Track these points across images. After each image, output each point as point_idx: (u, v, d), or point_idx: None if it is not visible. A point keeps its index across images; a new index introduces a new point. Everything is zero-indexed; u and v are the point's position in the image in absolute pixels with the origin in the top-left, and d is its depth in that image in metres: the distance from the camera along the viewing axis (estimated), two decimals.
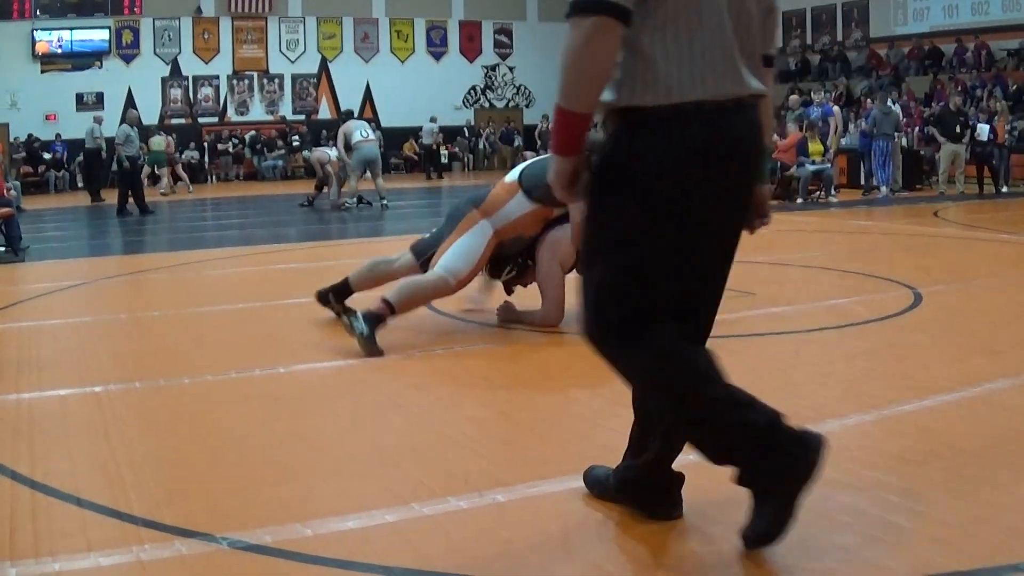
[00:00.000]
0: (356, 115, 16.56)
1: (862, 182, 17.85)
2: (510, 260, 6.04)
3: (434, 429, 4.05)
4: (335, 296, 6.09)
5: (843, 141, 18.87)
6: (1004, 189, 17.48)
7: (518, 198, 5.74)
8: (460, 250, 5.69)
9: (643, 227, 2.53)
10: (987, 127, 17.25)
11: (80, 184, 25.33)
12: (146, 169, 20.18)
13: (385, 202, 16.30)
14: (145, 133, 20.11)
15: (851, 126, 19.83)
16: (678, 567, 2.68)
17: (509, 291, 6.31)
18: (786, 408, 4.14)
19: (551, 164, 2.59)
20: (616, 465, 3.08)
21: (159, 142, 21.91)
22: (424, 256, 5.90)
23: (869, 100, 18.11)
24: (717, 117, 2.48)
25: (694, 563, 2.71)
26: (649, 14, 2.42)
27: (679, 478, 3.00)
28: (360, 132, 15.82)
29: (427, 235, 6.06)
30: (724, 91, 2.48)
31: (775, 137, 18.18)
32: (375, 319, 5.35)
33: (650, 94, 2.45)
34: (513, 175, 5.91)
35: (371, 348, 5.25)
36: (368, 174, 16.08)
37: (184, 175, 23.89)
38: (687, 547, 2.80)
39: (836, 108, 19.05)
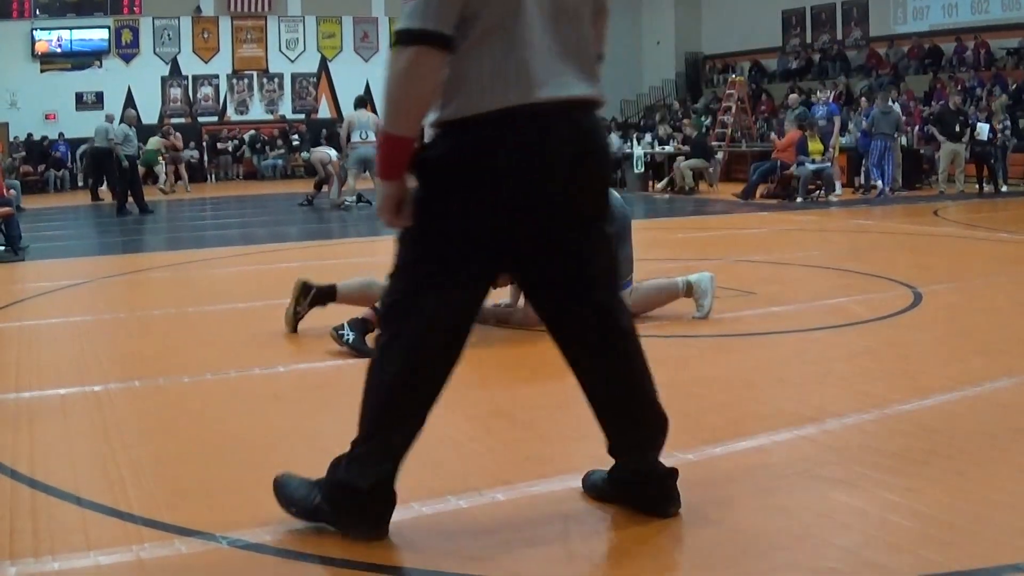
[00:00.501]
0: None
1: (860, 181, 17.83)
2: None
3: (434, 428, 4.02)
4: (317, 295, 5.84)
5: (843, 140, 18.86)
6: (1004, 188, 17.48)
7: None
8: None
9: (482, 228, 2.64)
10: (987, 126, 17.24)
11: (81, 183, 25.36)
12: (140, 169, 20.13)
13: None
14: (146, 133, 20.09)
15: (851, 125, 19.81)
16: (678, 566, 2.68)
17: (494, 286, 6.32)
18: (786, 407, 4.16)
19: (377, 188, 2.69)
20: (610, 467, 3.08)
21: (155, 142, 21.91)
22: None
23: (864, 99, 18.07)
24: (540, 122, 2.57)
25: (694, 562, 2.71)
26: (466, 33, 2.53)
27: (672, 473, 3.00)
28: (361, 132, 15.66)
29: None
30: (547, 96, 2.56)
31: (772, 135, 18.20)
32: (362, 325, 5.33)
33: (471, 105, 2.55)
34: None
35: (363, 353, 5.24)
36: (367, 173, 16.06)
37: (184, 174, 23.87)
38: (687, 546, 2.80)
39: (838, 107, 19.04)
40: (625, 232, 6.17)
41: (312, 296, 5.73)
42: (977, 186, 17.44)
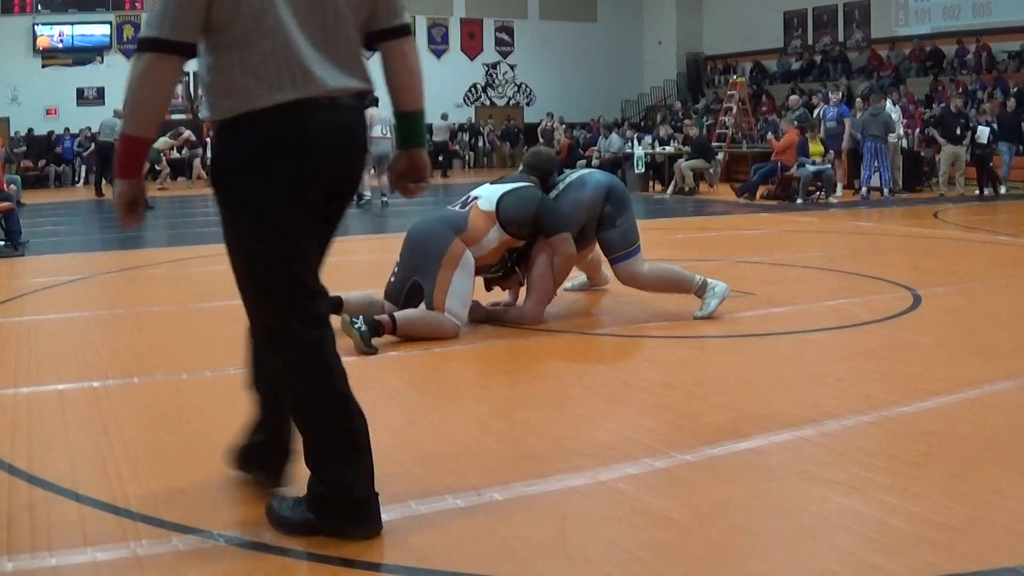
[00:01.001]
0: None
1: (859, 183, 17.80)
2: (499, 262, 6.02)
3: (432, 427, 4.05)
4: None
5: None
6: (1002, 191, 17.49)
7: (496, 229, 5.75)
8: (460, 293, 5.58)
9: (257, 226, 2.78)
10: (987, 129, 17.24)
11: (81, 179, 25.37)
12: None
13: (385, 199, 16.38)
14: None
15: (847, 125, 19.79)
16: (677, 565, 2.67)
17: (489, 287, 6.33)
18: (785, 408, 4.15)
19: (115, 187, 2.82)
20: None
21: (163, 142, 21.97)
22: (401, 296, 5.76)
23: (861, 100, 18.04)
24: (299, 116, 2.70)
25: (693, 563, 2.70)
26: (222, 37, 2.67)
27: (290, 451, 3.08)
28: (381, 128, 15.56)
29: (391, 278, 5.88)
30: (307, 92, 2.69)
31: (770, 136, 18.17)
32: (376, 326, 5.35)
33: (236, 104, 2.68)
34: (490, 202, 5.82)
35: (366, 347, 5.24)
36: (374, 170, 16.11)
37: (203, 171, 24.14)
38: (686, 547, 2.80)
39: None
40: (625, 199, 6.20)
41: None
42: (978, 189, 17.43)
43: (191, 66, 2.76)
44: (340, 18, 2.78)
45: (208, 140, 23.84)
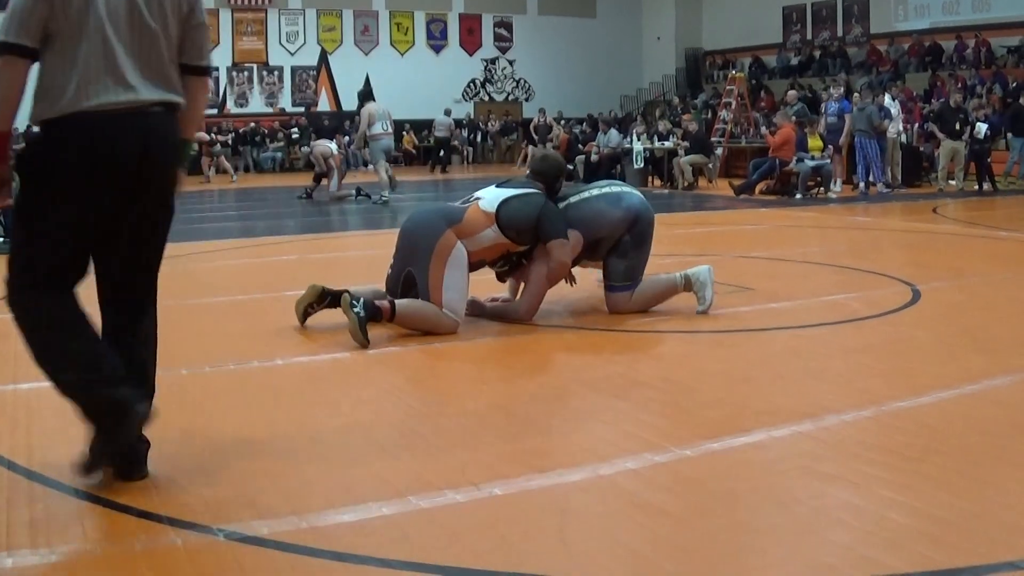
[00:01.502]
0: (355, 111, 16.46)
1: (856, 179, 17.77)
2: (498, 259, 6.00)
3: (432, 422, 4.05)
4: (332, 300, 5.81)
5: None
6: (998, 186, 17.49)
7: (494, 229, 5.73)
8: (455, 288, 5.57)
9: (45, 212, 3.07)
10: (985, 125, 17.24)
11: None
12: None
13: (386, 197, 16.33)
14: None
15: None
16: (676, 560, 2.68)
17: (501, 279, 6.33)
18: (784, 403, 4.16)
19: None
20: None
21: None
22: (398, 287, 5.74)
23: (858, 95, 17.99)
24: (103, 124, 3.04)
25: (692, 557, 2.71)
26: (51, 43, 3.01)
27: (145, 441, 3.34)
28: (382, 124, 15.60)
29: (389, 270, 5.87)
30: (111, 102, 3.04)
31: (764, 131, 18.14)
32: (375, 312, 5.35)
33: (52, 107, 3.04)
34: (491, 204, 5.78)
35: (360, 335, 5.25)
36: (371, 167, 16.13)
37: (227, 164, 24.48)
38: (685, 541, 2.80)
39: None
40: (647, 234, 6.18)
41: (328, 301, 5.76)
42: (976, 184, 17.42)
43: None
44: (153, 36, 3.13)
45: (212, 136, 24.14)
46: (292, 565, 2.68)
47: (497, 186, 6.01)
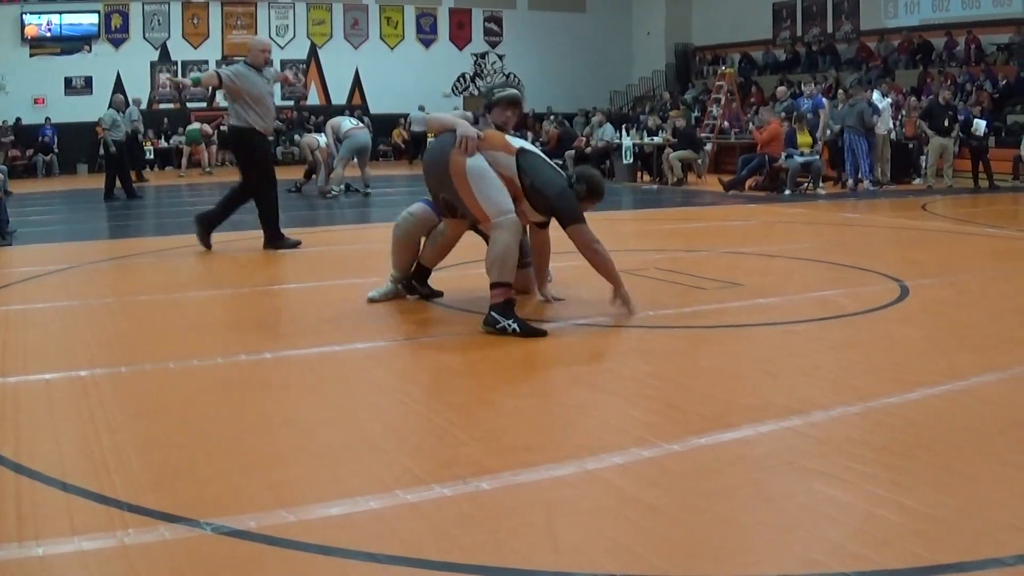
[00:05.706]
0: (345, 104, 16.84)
1: (839, 174, 17.76)
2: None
3: (419, 416, 4.05)
4: (418, 281, 6.35)
5: (827, 133, 18.79)
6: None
7: (510, 161, 5.69)
8: (492, 192, 5.59)
9: None
10: (983, 122, 17.26)
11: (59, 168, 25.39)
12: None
13: (368, 190, 16.42)
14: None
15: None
16: (664, 555, 2.68)
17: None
18: (772, 399, 4.16)
19: None
20: None
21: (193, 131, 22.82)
22: (442, 211, 6.11)
23: (843, 92, 17.96)
24: None
25: (679, 552, 2.71)
26: None
27: None
28: (350, 121, 15.94)
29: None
30: None
31: (751, 127, 18.12)
32: (509, 306, 5.45)
33: None
34: (517, 142, 5.82)
35: (534, 332, 5.40)
36: (356, 161, 16.18)
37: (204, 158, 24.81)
38: (673, 536, 2.80)
39: (826, 100, 18.98)
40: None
41: (416, 284, 6.34)
42: (972, 181, 17.41)
43: (180, 55, 2.81)
44: None
45: (220, 129, 24.32)
46: (279, 558, 2.68)
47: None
